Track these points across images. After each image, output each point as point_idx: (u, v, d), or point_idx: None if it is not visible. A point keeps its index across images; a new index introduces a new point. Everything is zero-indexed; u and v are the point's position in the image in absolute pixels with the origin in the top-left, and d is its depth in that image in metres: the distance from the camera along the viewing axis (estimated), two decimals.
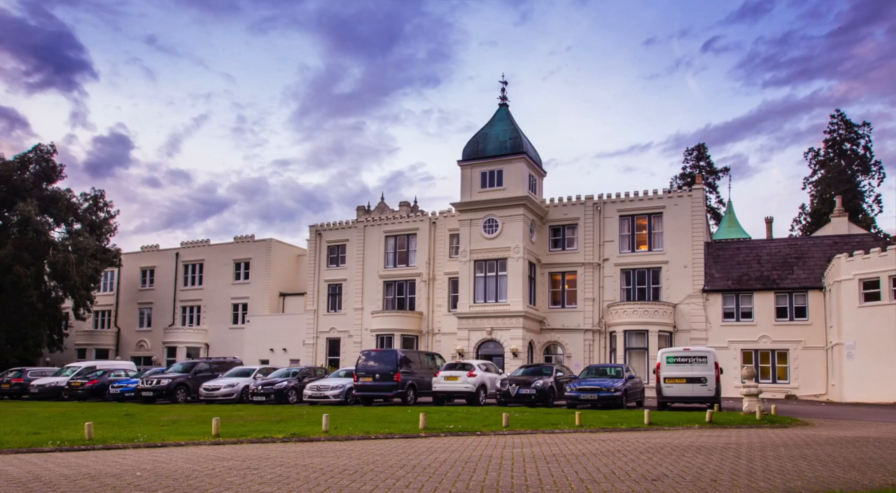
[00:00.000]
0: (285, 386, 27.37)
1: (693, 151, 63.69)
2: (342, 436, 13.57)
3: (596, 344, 37.90)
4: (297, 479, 8.27)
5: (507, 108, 39.82)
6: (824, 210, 52.77)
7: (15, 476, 8.70)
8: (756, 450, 11.63)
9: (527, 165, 37.92)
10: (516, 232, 36.91)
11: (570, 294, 39.15)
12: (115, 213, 52.80)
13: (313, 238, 46.86)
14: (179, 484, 7.91)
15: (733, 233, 49.33)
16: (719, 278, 36.57)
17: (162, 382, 28.90)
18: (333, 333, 44.92)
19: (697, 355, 23.29)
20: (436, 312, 41.93)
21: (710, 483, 8.09)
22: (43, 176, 49.71)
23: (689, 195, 37.69)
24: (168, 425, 16.52)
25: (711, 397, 22.17)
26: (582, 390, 23.13)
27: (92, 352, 53.78)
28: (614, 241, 38.38)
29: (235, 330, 50.03)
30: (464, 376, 25.53)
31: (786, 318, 35.12)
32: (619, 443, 12.67)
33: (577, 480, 8.25)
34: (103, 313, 56.76)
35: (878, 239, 36.43)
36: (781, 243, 38.70)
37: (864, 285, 30.03)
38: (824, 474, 8.94)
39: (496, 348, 36.56)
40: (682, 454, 10.97)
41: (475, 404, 24.65)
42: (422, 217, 43.66)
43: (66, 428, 15.26)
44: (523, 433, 14.71)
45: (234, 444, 12.58)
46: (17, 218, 47.19)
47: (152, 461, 10.02)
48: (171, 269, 54.13)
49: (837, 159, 57.65)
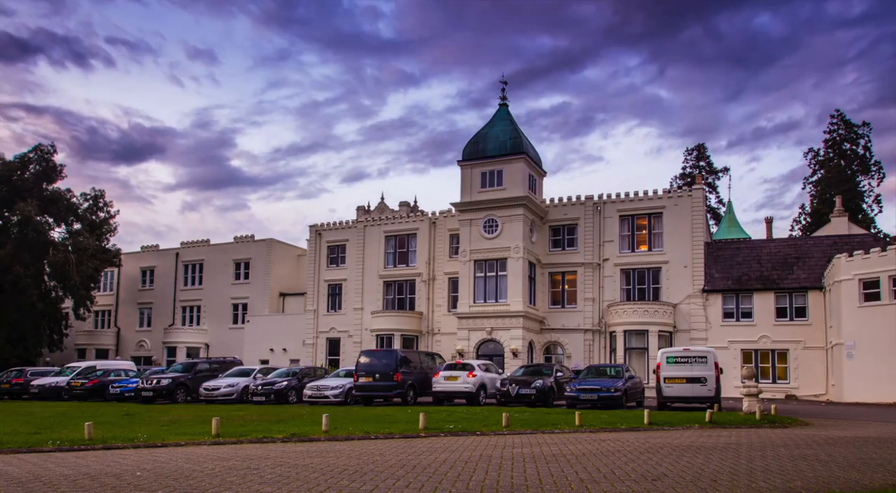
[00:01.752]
0: (285, 386, 27.34)
1: (693, 151, 63.72)
2: (342, 436, 13.57)
3: (596, 344, 37.90)
4: (296, 479, 8.27)
5: (507, 108, 39.83)
6: (824, 210, 52.76)
7: (15, 476, 8.70)
8: (756, 450, 11.63)
9: (527, 165, 37.92)
10: (516, 232, 36.90)
11: (570, 294, 39.15)
12: (115, 213, 52.89)
13: (313, 238, 46.86)
14: (179, 484, 7.91)
15: (733, 233, 49.35)
16: (719, 278, 36.57)
17: (162, 382, 28.89)
18: (333, 333, 44.92)
19: (697, 355, 23.30)
20: (436, 312, 41.93)
21: (710, 483, 8.09)
22: (43, 176, 49.70)
23: (688, 195, 37.70)
24: (168, 425, 16.52)
25: (711, 398, 22.16)
26: (582, 390, 23.13)
27: (92, 352, 53.78)
28: (614, 241, 38.38)
29: (235, 330, 50.03)
30: (464, 377, 25.53)
31: (786, 318, 35.11)
32: (619, 443, 12.67)
33: (577, 480, 8.25)
34: (103, 313, 56.76)
35: (878, 239, 36.45)
36: (781, 243, 38.72)
37: (864, 285, 30.03)
38: (824, 474, 8.94)
39: (496, 348, 36.55)
40: (682, 454, 10.97)
41: (475, 405, 24.65)
42: (422, 217, 43.67)
43: (66, 428, 15.26)
44: (523, 433, 14.71)
45: (234, 444, 12.58)
46: (17, 218, 47.23)
47: (152, 461, 10.02)
48: (171, 269, 54.14)
49: (837, 159, 57.67)
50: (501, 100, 40.06)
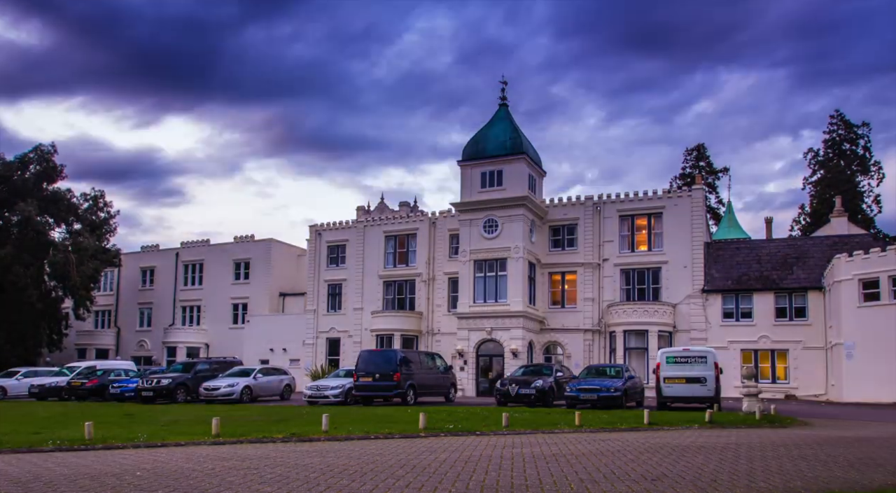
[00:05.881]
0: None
1: (693, 152, 63.69)
2: (342, 436, 13.58)
3: (596, 344, 37.89)
4: (296, 479, 8.27)
5: (507, 108, 39.81)
6: (824, 210, 52.78)
7: (15, 476, 8.71)
8: (756, 450, 11.64)
9: (527, 165, 37.90)
10: (516, 232, 36.89)
11: (570, 294, 39.13)
12: (115, 213, 52.89)
13: (313, 238, 46.86)
14: (179, 484, 7.92)
15: (733, 233, 49.33)
16: (719, 279, 36.57)
17: (162, 382, 28.89)
18: (333, 333, 44.90)
19: (697, 355, 23.33)
20: (436, 312, 41.92)
21: (709, 483, 8.10)
22: (43, 176, 49.68)
23: (688, 195, 37.70)
24: (168, 425, 16.52)
25: (711, 397, 22.17)
26: (582, 390, 23.14)
27: (92, 352, 53.75)
28: (614, 241, 38.36)
29: (235, 330, 50.01)
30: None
31: (785, 318, 35.11)
32: (619, 443, 12.68)
33: (577, 480, 8.25)
34: (103, 313, 56.74)
35: (878, 239, 36.49)
36: (781, 244, 38.72)
37: (863, 286, 30.03)
38: (824, 474, 8.95)
39: (496, 348, 36.55)
40: (681, 454, 10.98)
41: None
42: (421, 217, 43.66)
43: (66, 428, 15.26)
44: (523, 433, 14.72)
45: (233, 444, 12.59)
46: (18, 218, 47.24)
47: (152, 461, 10.02)
48: (171, 269, 54.10)
49: (837, 160, 57.68)
50: (501, 100, 40.05)
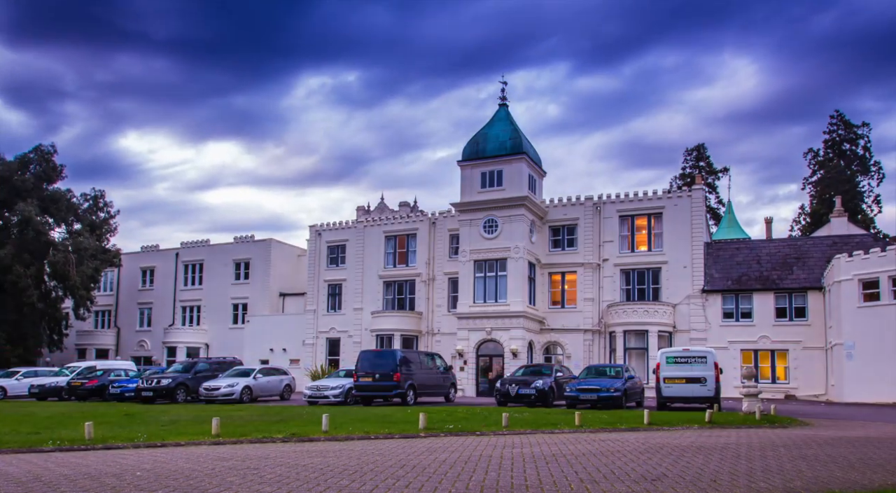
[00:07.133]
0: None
1: (693, 152, 63.70)
2: (342, 436, 13.58)
3: (596, 344, 37.89)
4: (296, 479, 8.27)
5: (507, 108, 39.82)
6: (824, 210, 52.79)
7: (15, 476, 8.71)
8: (756, 450, 11.64)
9: (527, 165, 37.90)
10: (516, 232, 36.89)
11: (570, 294, 39.12)
12: (115, 213, 52.91)
13: (313, 238, 46.86)
14: (179, 484, 7.92)
15: (733, 233, 49.34)
16: (719, 279, 36.57)
17: (162, 382, 28.90)
18: (333, 333, 44.90)
19: (697, 355, 23.32)
20: (435, 312, 41.92)
21: (709, 483, 8.10)
22: (43, 176, 49.70)
23: (688, 195, 37.70)
24: (168, 425, 16.51)
25: (711, 398, 22.18)
26: (582, 391, 23.14)
27: (92, 352, 53.75)
28: (614, 241, 38.36)
29: (235, 330, 50.01)
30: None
31: (785, 318, 35.11)
32: (619, 443, 12.68)
33: (577, 480, 8.26)
34: (103, 313, 56.74)
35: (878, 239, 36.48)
36: (781, 244, 38.72)
37: (863, 286, 30.04)
38: (824, 474, 8.95)
39: (496, 348, 36.55)
40: (681, 454, 10.98)
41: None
42: (421, 217, 43.65)
43: (66, 428, 15.25)
44: (523, 433, 14.72)
45: (233, 444, 12.59)
46: (18, 218, 47.21)
47: (152, 461, 10.02)
48: (171, 269, 54.10)
49: (837, 160, 57.68)
50: (501, 100, 40.07)
